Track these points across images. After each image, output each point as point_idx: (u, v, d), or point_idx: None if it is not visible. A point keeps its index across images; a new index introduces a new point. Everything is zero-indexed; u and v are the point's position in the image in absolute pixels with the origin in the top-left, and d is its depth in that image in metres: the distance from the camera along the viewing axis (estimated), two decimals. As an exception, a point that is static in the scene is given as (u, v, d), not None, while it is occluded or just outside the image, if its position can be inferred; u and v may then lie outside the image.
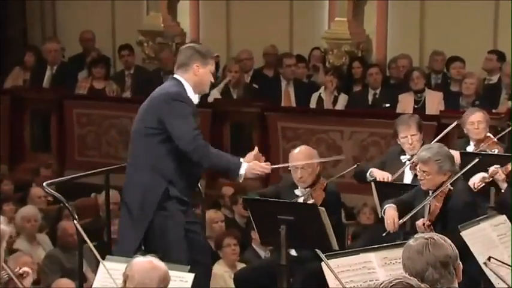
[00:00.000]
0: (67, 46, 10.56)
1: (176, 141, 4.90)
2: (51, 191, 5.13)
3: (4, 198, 8.08)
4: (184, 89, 5.00)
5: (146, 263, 3.63)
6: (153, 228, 4.97)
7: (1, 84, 10.36)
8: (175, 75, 5.05)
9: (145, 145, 4.98)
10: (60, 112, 9.78)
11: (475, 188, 5.64)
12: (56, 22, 11.28)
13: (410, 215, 5.20)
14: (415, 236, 3.34)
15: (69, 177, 6.17)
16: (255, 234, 6.40)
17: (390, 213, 5.25)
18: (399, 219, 5.21)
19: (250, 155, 5.04)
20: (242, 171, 4.89)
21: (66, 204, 5.18)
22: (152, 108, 4.97)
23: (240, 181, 5.00)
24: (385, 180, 5.87)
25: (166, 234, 4.97)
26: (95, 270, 5.47)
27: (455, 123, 6.20)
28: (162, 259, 4.87)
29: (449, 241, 3.29)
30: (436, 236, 3.29)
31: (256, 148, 5.10)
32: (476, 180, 5.69)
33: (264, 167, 4.95)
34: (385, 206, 5.31)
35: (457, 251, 3.29)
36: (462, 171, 5.43)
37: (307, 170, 5.58)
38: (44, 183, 5.19)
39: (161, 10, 10.56)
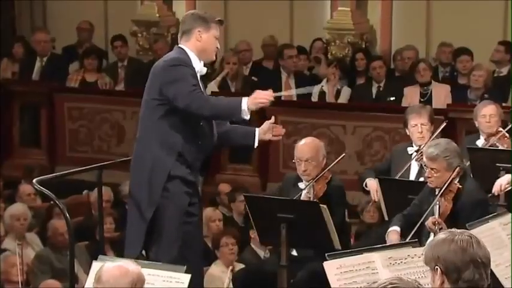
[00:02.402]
0: (57, 37, 10.53)
1: (175, 102, 4.88)
2: (42, 188, 5.11)
3: (-8, 195, 8.08)
4: (188, 57, 4.99)
5: (115, 270, 3.59)
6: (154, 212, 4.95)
7: (-12, 77, 10.35)
8: (179, 45, 5.05)
9: (152, 117, 4.97)
10: (50, 106, 9.77)
11: (501, 190, 5.61)
12: (46, 11, 11.26)
13: (421, 221, 5.17)
14: (449, 230, 3.31)
15: (60, 173, 6.16)
16: (253, 234, 6.40)
17: (393, 237, 5.24)
18: (411, 231, 5.18)
19: (267, 123, 5.04)
20: (244, 105, 4.83)
21: (57, 202, 5.17)
22: (154, 77, 4.99)
23: (246, 118, 4.88)
24: (378, 192, 5.87)
25: (163, 216, 4.92)
26: (87, 271, 5.47)
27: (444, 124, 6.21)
28: (151, 251, 4.87)
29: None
30: (474, 235, 3.28)
31: (273, 118, 5.07)
32: (503, 182, 5.66)
33: (267, 93, 4.89)
34: (390, 229, 5.28)
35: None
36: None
37: (311, 163, 5.57)
38: (34, 180, 5.18)
39: (156, -1, 10.55)
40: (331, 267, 4.59)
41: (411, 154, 6.05)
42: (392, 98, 9.06)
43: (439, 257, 3.22)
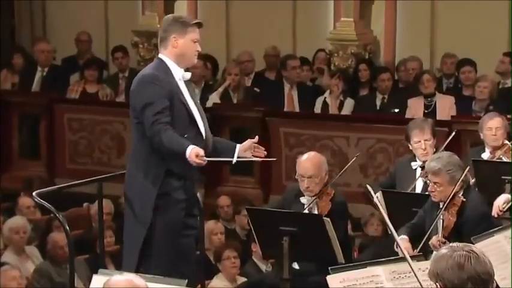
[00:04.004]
0: (57, 48, 10.56)
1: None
2: (41, 200, 5.13)
3: (-9, 208, 8.09)
4: (166, 68, 4.90)
5: (124, 283, 3.58)
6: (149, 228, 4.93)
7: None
8: (158, 54, 5.00)
9: (136, 135, 4.95)
10: (50, 117, 9.79)
11: (501, 211, 5.60)
12: (46, 22, 11.30)
13: (426, 237, 5.16)
14: (451, 245, 3.29)
15: (60, 186, 6.17)
16: (255, 247, 6.41)
17: (404, 245, 5.23)
18: (416, 243, 5.18)
19: (249, 141, 4.98)
20: (187, 155, 4.74)
21: (57, 215, 5.18)
22: (131, 93, 4.97)
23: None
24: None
25: (155, 232, 4.88)
26: (87, 285, 5.48)
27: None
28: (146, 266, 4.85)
29: (487, 257, 3.24)
30: (477, 249, 3.24)
31: (256, 137, 5.00)
32: (500, 203, 5.65)
33: (197, 161, 4.71)
34: (398, 238, 5.27)
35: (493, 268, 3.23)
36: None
37: (314, 180, 5.57)
38: (34, 193, 5.20)
39: (157, 10, 10.57)
40: (334, 281, 4.60)
41: (415, 169, 6.06)
42: (396, 110, 9.08)
43: (438, 274, 3.21)
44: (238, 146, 5.00)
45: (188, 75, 4.99)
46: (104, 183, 5.51)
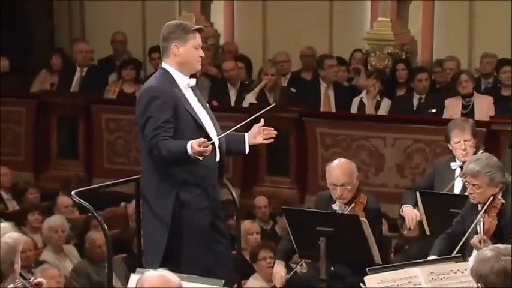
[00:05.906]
0: (95, 48, 10.65)
1: None
2: (80, 200, 5.17)
3: (30, 207, 8.17)
4: (170, 77, 4.85)
5: (157, 278, 3.58)
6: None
7: (27, 88, 10.48)
8: (162, 64, 4.96)
9: (144, 149, 4.88)
10: (88, 117, 9.87)
11: None
12: (85, 23, 11.39)
13: (464, 239, 5.11)
14: (496, 246, 3.27)
15: (97, 185, 6.22)
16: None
17: None
18: (454, 248, 5.13)
19: (255, 126, 4.98)
20: (190, 151, 4.69)
21: (96, 214, 5.22)
22: (136, 105, 4.92)
23: (200, 158, 4.72)
24: (413, 221, 5.79)
25: (181, 243, 4.85)
26: (124, 284, 5.51)
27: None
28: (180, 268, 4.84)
29: None
30: None
31: (262, 121, 4.99)
32: None
33: (201, 144, 4.64)
34: (429, 258, 5.20)
35: None
36: None
37: (346, 188, 5.51)
38: (73, 192, 5.24)
39: (194, 10, 10.61)
40: (372, 282, 4.58)
41: (454, 169, 6.00)
42: (433, 110, 9.01)
43: (481, 275, 3.21)
44: (246, 135, 5.00)
45: (193, 81, 4.96)
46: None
